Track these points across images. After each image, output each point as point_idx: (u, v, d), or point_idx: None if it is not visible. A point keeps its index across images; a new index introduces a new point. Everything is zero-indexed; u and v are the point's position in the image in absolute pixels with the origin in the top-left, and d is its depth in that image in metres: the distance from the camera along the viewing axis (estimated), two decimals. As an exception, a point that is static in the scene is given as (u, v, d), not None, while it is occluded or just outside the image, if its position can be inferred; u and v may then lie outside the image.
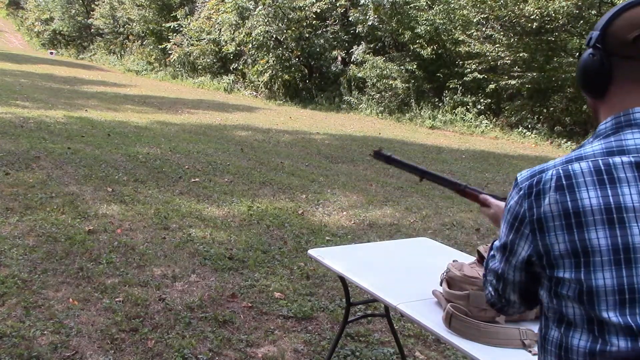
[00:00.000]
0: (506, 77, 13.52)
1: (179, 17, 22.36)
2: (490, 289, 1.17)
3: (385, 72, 15.44)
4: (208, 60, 21.31)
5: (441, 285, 1.98)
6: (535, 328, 1.73)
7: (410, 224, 5.36)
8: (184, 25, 21.82)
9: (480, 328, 1.71)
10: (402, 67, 15.38)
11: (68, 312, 3.10)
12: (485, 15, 14.04)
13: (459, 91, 14.55)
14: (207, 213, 5.16)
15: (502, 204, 1.59)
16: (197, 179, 6.39)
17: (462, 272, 1.90)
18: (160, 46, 23.55)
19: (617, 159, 0.95)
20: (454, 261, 2.04)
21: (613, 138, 0.99)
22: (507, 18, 13.39)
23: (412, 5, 15.39)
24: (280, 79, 18.10)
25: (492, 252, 1.18)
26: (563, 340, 0.98)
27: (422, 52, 15.17)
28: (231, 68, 20.47)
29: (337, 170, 7.74)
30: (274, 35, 17.53)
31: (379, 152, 1.79)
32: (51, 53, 30.17)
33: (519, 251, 1.03)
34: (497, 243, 1.13)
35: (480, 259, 2.00)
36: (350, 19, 17.06)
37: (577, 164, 0.97)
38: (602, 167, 0.95)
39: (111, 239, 4.29)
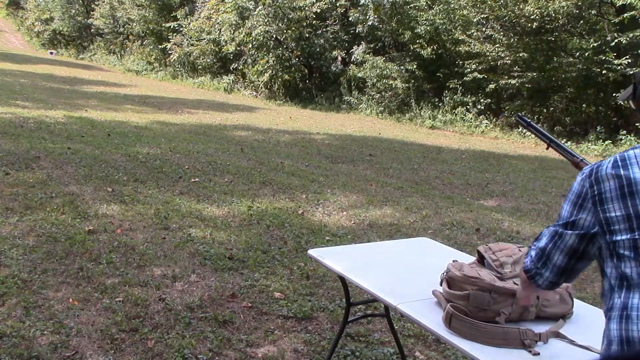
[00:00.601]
0: (506, 77, 13.53)
1: (179, 17, 22.37)
2: (533, 253, 1.40)
3: (385, 72, 15.44)
4: (208, 60, 21.32)
5: (441, 285, 1.98)
6: (535, 328, 1.73)
7: (410, 224, 5.36)
8: (184, 25, 21.83)
9: (480, 328, 1.70)
10: (402, 67, 15.39)
11: (68, 312, 3.10)
12: (485, 15, 14.05)
13: (459, 91, 14.56)
14: (207, 213, 5.16)
15: None
16: (197, 179, 6.39)
17: (462, 272, 1.89)
18: (160, 46, 23.56)
19: None
20: (453, 261, 2.04)
21: None
22: (507, 18, 13.39)
23: (412, 5, 15.40)
24: (280, 79, 18.11)
25: (544, 233, 1.40)
26: (626, 302, 1.17)
27: (422, 52, 15.18)
28: (231, 68, 20.47)
29: (337, 170, 7.74)
30: (274, 35, 17.54)
31: (521, 116, 2.10)
32: (51, 53, 30.18)
33: (580, 223, 1.28)
34: (552, 227, 1.36)
35: (480, 259, 2.00)
36: (350, 19, 17.07)
37: (632, 151, 1.23)
38: None
39: (111, 239, 4.29)
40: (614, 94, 12.18)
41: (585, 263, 1.35)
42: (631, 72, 11.72)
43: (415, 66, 15.26)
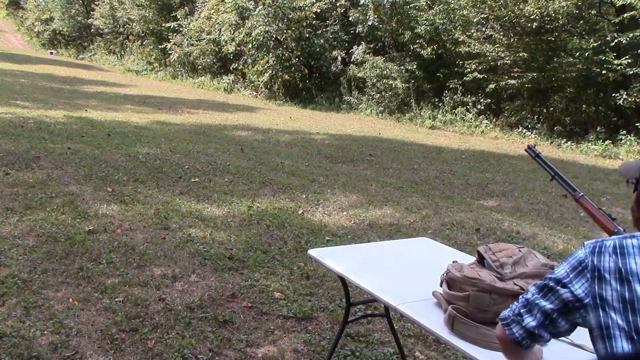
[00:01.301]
0: (506, 77, 13.53)
1: (179, 17, 22.37)
2: (514, 305, 1.41)
3: (385, 72, 15.44)
4: (208, 60, 21.32)
5: (441, 286, 1.97)
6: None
7: (410, 224, 5.36)
8: (184, 25, 21.82)
9: (481, 331, 1.70)
10: (402, 67, 15.39)
11: (68, 312, 3.10)
12: (485, 16, 14.05)
13: (459, 91, 14.56)
14: (207, 213, 5.16)
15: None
16: (197, 179, 6.39)
17: (462, 273, 1.88)
18: (160, 46, 23.56)
19: None
20: (453, 262, 2.03)
21: None
22: (507, 18, 13.39)
23: (412, 5, 15.40)
24: (280, 79, 18.11)
25: (530, 288, 1.41)
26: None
27: (422, 52, 15.18)
28: (231, 68, 20.47)
29: (337, 170, 7.74)
30: (274, 35, 17.54)
31: (532, 147, 2.13)
32: (51, 53, 30.17)
33: (571, 287, 1.31)
34: (541, 281, 1.37)
35: (480, 260, 2.00)
36: (350, 19, 17.07)
37: (630, 240, 1.29)
38: None
39: (111, 239, 4.29)
40: (613, 94, 12.18)
41: (569, 326, 1.34)
42: (631, 73, 11.74)
43: (415, 66, 15.26)
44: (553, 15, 12.34)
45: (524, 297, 1.39)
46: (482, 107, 14.32)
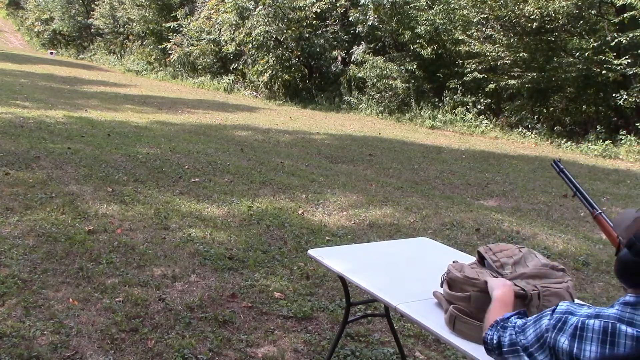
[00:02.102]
0: (506, 77, 13.52)
1: (179, 17, 22.36)
2: (495, 338, 1.45)
3: (385, 72, 15.44)
4: (208, 60, 21.31)
5: (442, 286, 1.97)
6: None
7: (410, 224, 5.36)
8: (184, 25, 21.82)
9: None
10: (402, 67, 15.39)
11: (68, 312, 3.10)
12: (485, 15, 14.04)
13: (459, 91, 14.56)
14: (207, 213, 5.16)
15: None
16: (197, 179, 6.39)
17: (463, 274, 1.88)
18: (160, 46, 23.56)
19: (623, 328, 1.22)
20: (454, 262, 2.03)
21: (629, 310, 1.24)
22: (507, 18, 13.39)
23: (412, 5, 15.39)
24: (280, 79, 18.11)
25: (514, 323, 1.44)
26: None
27: (422, 52, 15.17)
28: (231, 68, 20.47)
29: (337, 170, 7.74)
30: (274, 35, 17.53)
31: (557, 162, 2.16)
32: (51, 53, 30.17)
33: (537, 356, 1.33)
34: (521, 337, 1.38)
35: (480, 260, 2.00)
36: (350, 19, 17.06)
37: (593, 321, 1.25)
38: (609, 329, 1.22)
39: (111, 239, 4.29)
40: (614, 94, 12.18)
41: None
42: (631, 73, 11.74)
43: (415, 66, 15.25)
44: (553, 15, 12.34)
45: (508, 337, 1.42)
46: (482, 107, 14.32)
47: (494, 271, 1.89)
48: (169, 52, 22.36)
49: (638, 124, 11.98)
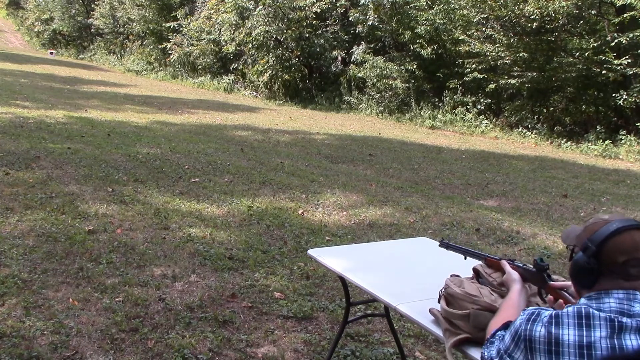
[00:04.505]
0: (506, 77, 13.52)
1: (179, 17, 22.36)
2: (486, 354, 1.47)
3: (385, 72, 15.44)
4: (208, 60, 21.32)
5: (439, 302, 1.84)
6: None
7: (410, 224, 5.36)
8: (184, 25, 21.82)
9: None
10: (402, 67, 15.38)
11: (68, 312, 3.10)
12: (485, 15, 14.04)
13: (459, 91, 14.56)
14: (207, 213, 5.16)
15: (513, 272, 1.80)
16: (197, 179, 6.39)
17: (463, 289, 1.76)
18: (160, 46, 23.56)
19: (596, 313, 1.29)
20: (452, 276, 1.91)
21: (594, 302, 1.33)
22: (507, 18, 13.38)
23: (412, 5, 15.39)
24: (280, 79, 18.11)
25: (500, 336, 1.47)
26: None
27: (422, 52, 15.17)
28: (231, 68, 20.47)
29: (337, 170, 7.74)
30: (274, 35, 17.53)
31: (442, 241, 2.15)
32: (51, 53, 30.17)
33: (514, 356, 1.36)
34: (501, 345, 1.42)
35: (477, 276, 1.91)
36: (350, 19, 17.06)
37: (566, 309, 1.32)
38: (583, 313, 1.29)
39: (111, 239, 4.29)
40: (614, 94, 12.17)
41: None
42: (631, 73, 11.74)
43: (415, 66, 15.25)
44: (553, 15, 12.33)
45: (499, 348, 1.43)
46: (482, 107, 14.32)
47: (494, 288, 1.80)
48: (169, 52, 22.36)
49: (638, 124, 11.98)
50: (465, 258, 2.03)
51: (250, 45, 18.09)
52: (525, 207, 6.50)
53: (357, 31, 17.10)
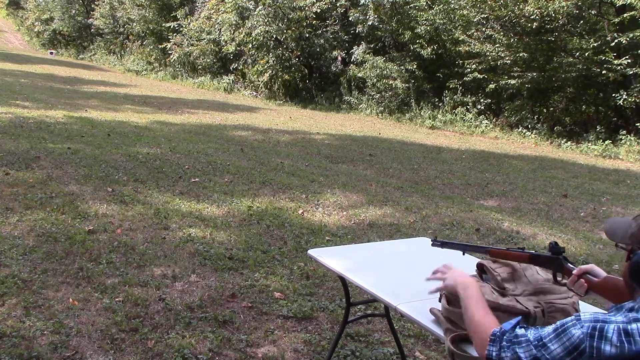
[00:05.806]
0: (506, 77, 13.52)
1: (179, 17, 22.36)
2: (505, 355, 1.34)
3: (385, 72, 15.44)
4: (208, 60, 21.31)
5: (440, 301, 1.83)
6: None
7: (410, 224, 5.36)
8: (184, 25, 21.82)
9: None
10: (402, 67, 15.38)
11: (68, 312, 3.10)
12: (485, 15, 14.04)
13: (459, 91, 14.56)
14: (207, 213, 5.16)
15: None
16: (197, 179, 6.39)
17: None
18: (160, 46, 23.55)
19: None
20: None
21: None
22: (507, 18, 13.38)
23: (412, 5, 15.39)
24: (280, 79, 18.11)
25: (527, 337, 1.33)
26: None
27: (422, 52, 15.17)
28: (231, 68, 20.47)
29: (337, 170, 7.74)
30: (274, 35, 17.53)
31: (435, 240, 2.10)
32: (51, 53, 30.17)
33: None
34: (546, 354, 1.27)
35: (480, 273, 1.90)
36: (350, 19, 17.06)
37: (635, 325, 1.21)
38: None
39: (111, 239, 4.29)
40: (614, 94, 12.18)
41: None
42: (631, 73, 11.74)
43: (415, 66, 15.25)
44: (553, 15, 12.33)
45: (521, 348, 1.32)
46: (482, 107, 14.32)
47: (496, 285, 1.79)
48: (169, 52, 22.36)
49: (638, 124, 11.98)
50: (463, 254, 2.01)
51: (250, 45, 18.09)
52: (525, 207, 6.50)
53: (357, 31, 17.10)
